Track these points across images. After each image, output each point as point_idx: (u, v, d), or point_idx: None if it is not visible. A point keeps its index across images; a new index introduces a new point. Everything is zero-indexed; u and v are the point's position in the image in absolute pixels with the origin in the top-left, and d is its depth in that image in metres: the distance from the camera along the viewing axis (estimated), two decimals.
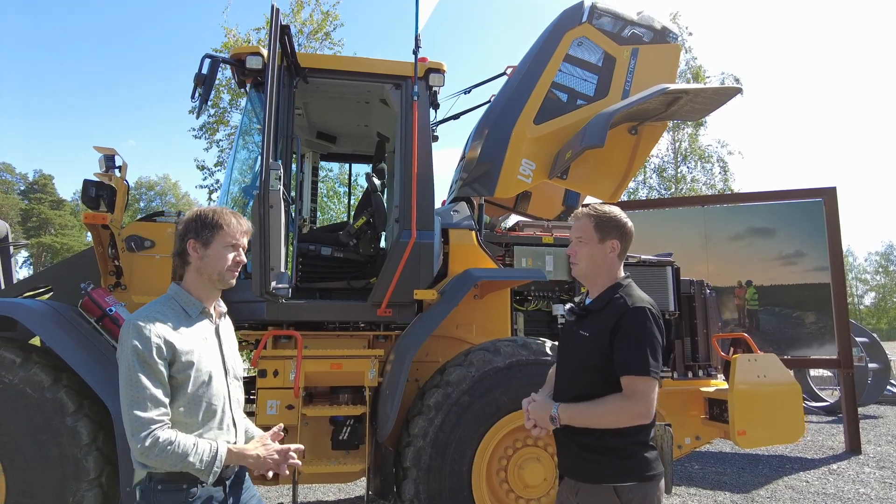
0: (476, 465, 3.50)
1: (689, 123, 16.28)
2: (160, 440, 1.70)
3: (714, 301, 5.07)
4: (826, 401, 11.54)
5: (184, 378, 1.80)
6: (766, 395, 4.03)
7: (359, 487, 5.62)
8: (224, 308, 2.09)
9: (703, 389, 4.59)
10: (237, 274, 2.00)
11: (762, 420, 3.99)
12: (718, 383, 4.68)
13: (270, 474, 1.94)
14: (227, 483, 1.89)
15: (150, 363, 1.74)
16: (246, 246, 2.02)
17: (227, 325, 2.11)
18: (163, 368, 1.76)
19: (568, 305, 2.17)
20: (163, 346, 1.77)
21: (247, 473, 2.04)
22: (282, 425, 2.07)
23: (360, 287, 4.31)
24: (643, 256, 4.98)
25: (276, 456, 1.92)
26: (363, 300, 4.07)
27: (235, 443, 1.93)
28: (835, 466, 6.76)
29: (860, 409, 10.77)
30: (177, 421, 1.80)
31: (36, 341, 3.68)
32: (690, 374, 4.83)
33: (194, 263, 1.93)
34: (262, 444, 1.94)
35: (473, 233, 4.44)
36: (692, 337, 4.90)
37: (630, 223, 2.07)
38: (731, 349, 4.80)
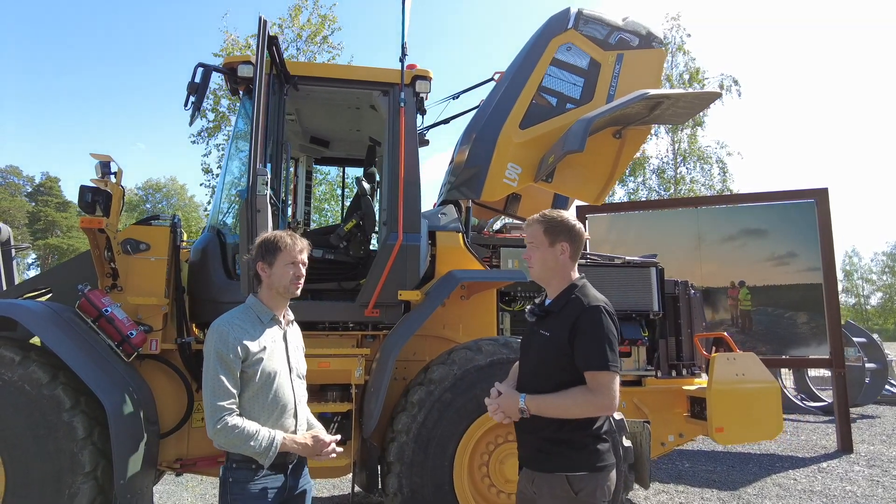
0: (458, 459, 3.61)
1: (689, 124, 16.35)
2: (228, 425, 2.08)
3: (698, 301, 5.17)
4: (824, 401, 11.58)
5: (253, 373, 2.19)
6: (744, 393, 4.13)
7: (349, 484, 5.74)
8: (292, 316, 2.48)
9: (685, 388, 4.69)
10: (300, 285, 2.36)
11: (740, 417, 4.09)
12: (701, 382, 4.78)
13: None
14: (290, 467, 2.27)
15: (226, 361, 2.14)
16: (305, 261, 2.37)
17: (294, 330, 2.50)
18: (236, 365, 2.15)
19: (528, 307, 2.29)
20: (238, 347, 2.16)
21: (306, 462, 2.41)
22: (338, 437, 2.40)
23: (351, 288, 4.43)
24: (628, 257, 5.09)
25: (318, 446, 2.27)
26: (351, 301, 4.19)
27: (296, 430, 2.31)
28: (824, 465, 6.83)
29: (858, 409, 10.85)
30: (247, 408, 2.18)
31: (36, 341, 3.82)
32: (674, 373, 4.93)
33: (265, 281, 2.33)
34: (312, 436, 2.29)
35: (460, 235, 4.55)
36: (676, 336, 5.00)
37: (579, 225, 2.18)
38: (714, 348, 4.90)
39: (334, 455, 2.30)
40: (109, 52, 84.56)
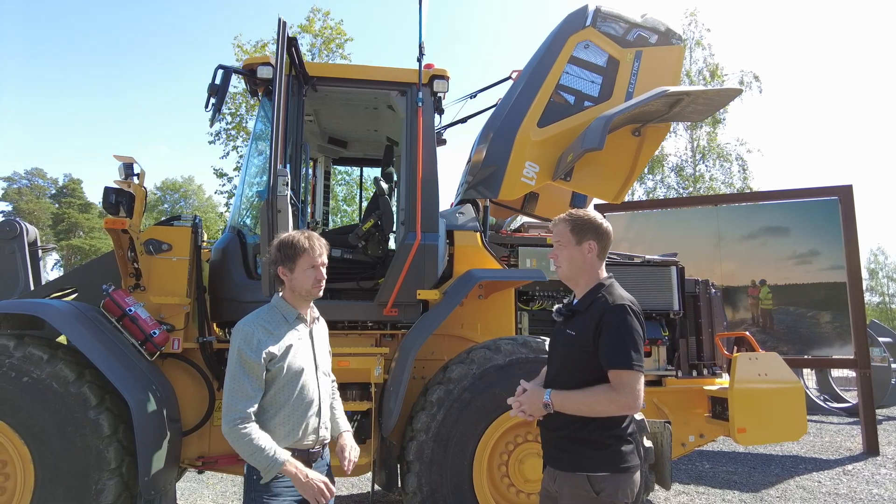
0: (477, 459, 3.61)
1: (708, 121, 16.16)
2: (241, 430, 2.12)
3: (719, 300, 5.11)
4: (848, 402, 11.37)
5: (278, 370, 2.23)
6: (767, 394, 4.06)
7: (369, 483, 5.77)
8: (317, 314, 2.53)
9: (706, 388, 4.63)
10: (322, 287, 2.39)
11: (762, 418, 4.03)
12: (722, 382, 4.72)
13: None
14: (313, 465, 2.31)
15: (249, 362, 2.17)
16: (325, 262, 2.40)
17: (320, 328, 2.53)
18: (260, 365, 2.18)
19: (556, 306, 2.28)
20: (262, 346, 2.20)
21: (329, 460, 2.46)
22: (326, 481, 2.26)
23: (369, 287, 4.45)
24: (648, 256, 5.04)
25: (315, 488, 2.16)
26: (370, 300, 4.21)
27: (319, 427, 2.34)
28: (850, 467, 6.71)
29: (884, 411, 10.63)
30: (272, 404, 2.23)
31: (63, 339, 3.89)
32: (695, 373, 4.87)
33: (287, 284, 2.37)
34: (309, 475, 2.19)
35: (478, 234, 4.54)
36: (697, 336, 4.94)
37: (606, 224, 2.16)
38: (735, 348, 4.83)
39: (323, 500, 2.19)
40: (133, 54, 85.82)
